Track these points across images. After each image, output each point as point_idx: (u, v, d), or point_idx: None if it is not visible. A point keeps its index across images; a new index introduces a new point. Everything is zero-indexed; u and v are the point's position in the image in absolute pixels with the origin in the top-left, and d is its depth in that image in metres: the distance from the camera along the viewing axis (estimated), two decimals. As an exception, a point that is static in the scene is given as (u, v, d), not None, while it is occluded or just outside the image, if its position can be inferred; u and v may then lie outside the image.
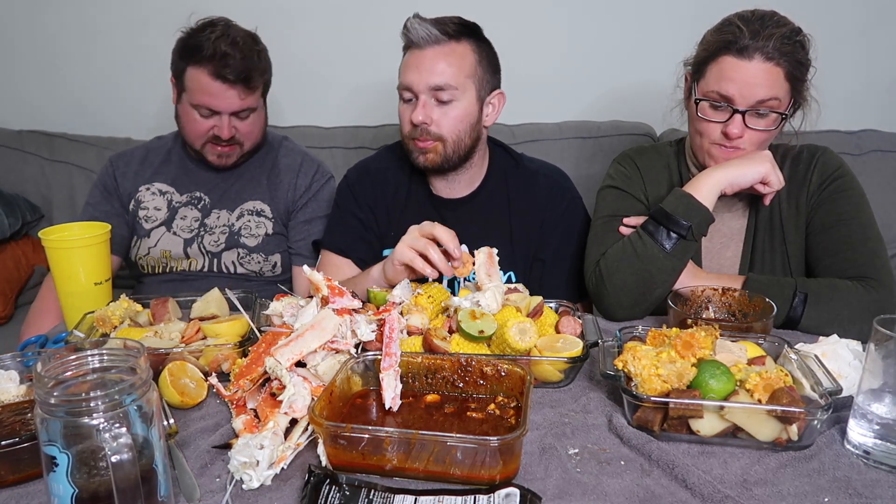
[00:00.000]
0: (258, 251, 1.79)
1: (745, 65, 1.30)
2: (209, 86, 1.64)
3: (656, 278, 1.32)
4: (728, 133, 1.34)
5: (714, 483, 0.82)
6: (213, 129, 1.69)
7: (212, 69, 1.62)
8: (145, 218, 1.80)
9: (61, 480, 0.71)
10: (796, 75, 1.32)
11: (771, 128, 1.34)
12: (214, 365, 1.09)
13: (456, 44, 1.47)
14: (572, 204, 1.61)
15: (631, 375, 0.95)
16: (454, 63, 1.47)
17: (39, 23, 2.46)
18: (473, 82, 1.50)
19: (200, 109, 1.67)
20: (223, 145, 1.72)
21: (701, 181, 1.33)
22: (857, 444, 0.90)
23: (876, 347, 0.87)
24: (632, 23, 2.22)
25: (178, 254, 1.78)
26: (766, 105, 1.31)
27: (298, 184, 1.82)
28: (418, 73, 1.46)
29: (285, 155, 1.86)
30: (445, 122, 1.49)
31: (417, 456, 0.83)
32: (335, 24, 2.32)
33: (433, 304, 1.20)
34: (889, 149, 2.04)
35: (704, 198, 1.31)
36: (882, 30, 2.15)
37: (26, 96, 2.54)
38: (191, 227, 1.79)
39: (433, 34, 1.45)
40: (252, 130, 1.75)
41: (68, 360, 0.76)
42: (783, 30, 1.30)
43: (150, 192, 1.82)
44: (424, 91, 1.46)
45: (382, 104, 2.34)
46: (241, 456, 0.83)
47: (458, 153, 1.52)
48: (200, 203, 1.81)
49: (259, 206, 1.80)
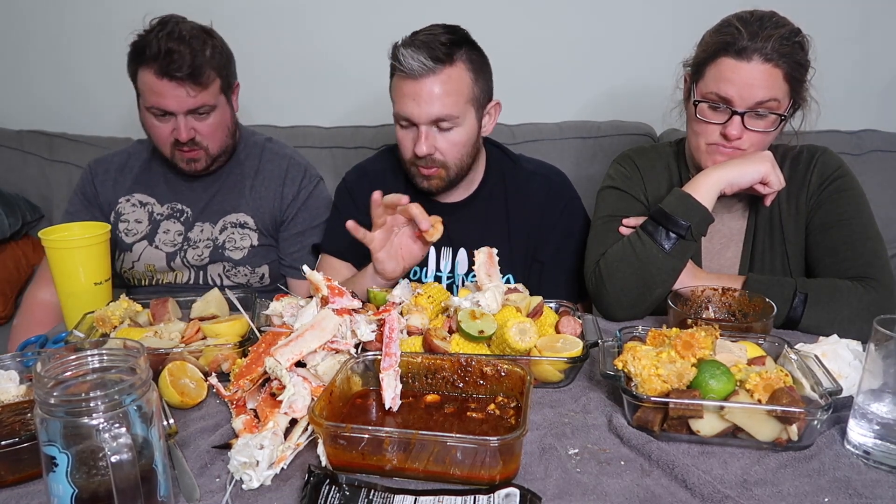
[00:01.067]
0: (244, 264, 1.73)
1: (744, 66, 1.29)
2: (156, 85, 1.55)
3: (656, 278, 1.32)
4: (727, 134, 1.34)
5: (714, 483, 0.82)
6: (173, 133, 1.61)
7: (157, 68, 1.54)
8: (126, 231, 1.74)
9: (61, 480, 0.71)
10: (795, 76, 1.31)
11: (770, 129, 1.34)
12: (214, 365, 1.09)
13: (450, 68, 1.43)
14: (570, 204, 1.61)
15: (631, 375, 0.95)
16: (452, 91, 1.43)
17: (40, 23, 2.46)
18: (472, 104, 1.48)
19: (154, 111, 1.60)
20: (186, 150, 1.63)
21: (700, 181, 1.33)
22: (857, 445, 0.90)
23: (876, 347, 0.87)
24: (632, 23, 2.22)
25: (163, 267, 1.74)
26: (765, 106, 1.31)
27: (285, 192, 1.75)
28: (417, 105, 1.42)
29: (269, 160, 1.79)
30: (449, 149, 1.48)
31: (417, 456, 0.83)
32: (335, 24, 2.32)
33: (433, 304, 1.20)
34: (889, 149, 2.04)
35: (703, 198, 1.31)
36: (882, 30, 2.15)
37: (26, 96, 2.54)
38: (174, 242, 1.73)
39: (427, 65, 1.40)
40: (214, 132, 1.65)
41: (68, 360, 0.76)
42: (782, 31, 1.29)
43: (129, 204, 1.75)
44: (424, 122, 1.44)
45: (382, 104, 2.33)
46: (240, 456, 0.83)
47: (460, 173, 1.53)
48: (183, 216, 1.74)
49: (242, 219, 1.73)
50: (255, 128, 1.98)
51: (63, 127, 2.40)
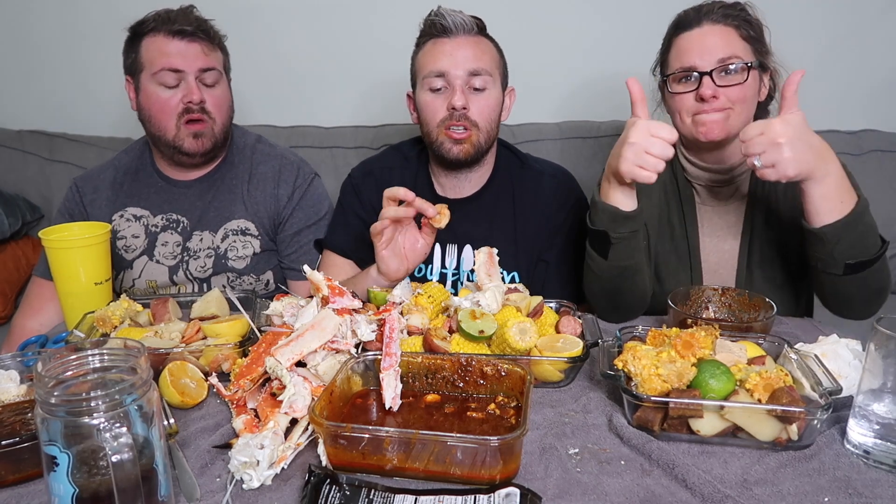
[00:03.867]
0: (248, 273, 1.69)
1: (696, 32, 1.37)
2: (168, 45, 1.56)
3: (614, 283, 1.34)
4: (702, 95, 1.35)
5: (714, 483, 0.82)
6: (183, 98, 1.57)
7: (167, 29, 1.56)
8: (125, 248, 1.68)
9: (62, 480, 0.71)
10: (751, 34, 1.36)
11: (743, 81, 1.34)
12: (215, 365, 1.09)
13: (481, 36, 1.52)
14: (577, 205, 1.61)
15: (631, 375, 0.95)
16: (486, 51, 1.50)
17: (40, 23, 2.46)
18: (499, 73, 1.54)
19: (164, 76, 1.56)
20: (196, 121, 1.59)
21: (603, 177, 1.34)
22: (857, 444, 0.90)
23: (876, 347, 0.88)
24: (632, 22, 2.22)
25: (165, 282, 1.68)
26: (728, 62, 1.33)
27: (280, 194, 1.71)
28: (453, 58, 1.47)
29: (261, 161, 1.74)
30: (481, 109, 1.49)
31: (418, 456, 0.83)
32: (336, 25, 2.32)
33: (433, 304, 1.21)
34: (889, 149, 2.04)
35: (606, 194, 1.30)
36: (881, 30, 2.15)
37: (26, 96, 2.54)
38: (173, 253, 1.67)
39: (467, 22, 1.48)
40: (220, 104, 1.64)
41: (69, 359, 0.76)
42: (726, 4, 1.38)
43: (124, 220, 1.69)
44: (461, 76, 1.47)
45: (383, 104, 2.34)
46: (241, 456, 0.84)
47: (488, 143, 1.54)
48: (179, 226, 1.69)
49: (243, 225, 1.69)
50: (255, 128, 1.97)
51: (63, 127, 2.40)
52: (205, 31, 1.60)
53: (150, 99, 1.60)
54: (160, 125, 1.61)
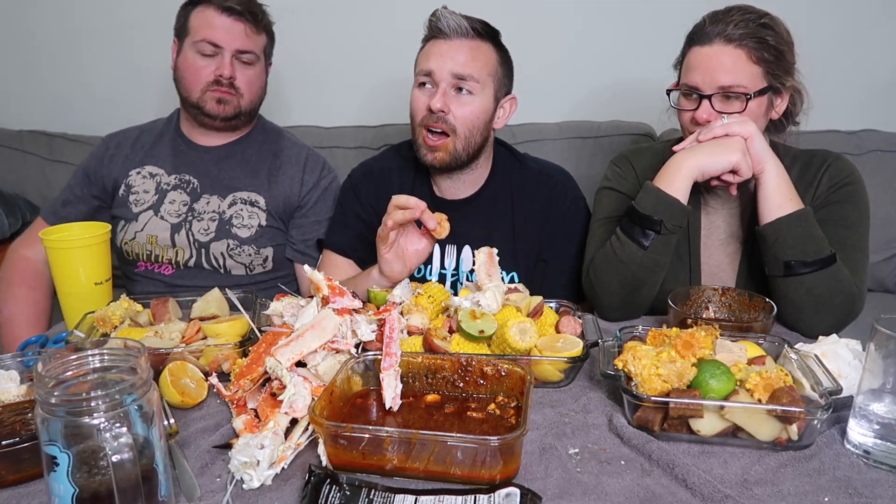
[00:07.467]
0: (250, 243, 1.72)
1: (706, 50, 1.33)
2: (214, 19, 1.64)
3: (639, 276, 1.33)
4: (697, 119, 1.35)
5: (714, 483, 0.82)
6: (215, 70, 1.66)
7: (218, 3, 1.64)
8: (134, 202, 1.74)
9: (62, 480, 0.71)
10: (765, 57, 1.31)
11: (742, 109, 1.33)
12: (215, 365, 1.09)
13: (481, 41, 1.49)
14: (575, 204, 1.61)
15: (631, 375, 0.95)
16: (479, 58, 1.48)
17: (41, 23, 2.46)
18: (493, 81, 1.51)
19: (203, 47, 1.64)
20: (223, 89, 1.67)
21: (671, 171, 1.32)
22: (857, 444, 0.90)
23: (876, 347, 0.88)
24: (633, 22, 2.22)
25: (164, 240, 1.71)
26: (731, 90, 1.32)
27: (305, 179, 1.77)
28: (442, 59, 1.46)
29: (289, 147, 1.82)
30: (462, 114, 1.48)
31: (418, 456, 0.83)
32: (336, 25, 2.32)
33: (433, 304, 1.21)
34: (889, 149, 2.04)
35: (676, 189, 1.30)
36: (882, 30, 2.15)
37: (26, 96, 2.54)
38: (178, 212, 1.72)
39: (463, 26, 1.46)
40: (251, 84, 1.72)
41: (69, 359, 0.76)
42: (747, 15, 1.32)
43: (140, 176, 1.76)
44: (446, 78, 1.46)
45: (383, 104, 2.34)
46: (241, 456, 0.84)
47: (467, 150, 1.51)
48: (189, 186, 1.74)
49: (253, 197, 1.74)
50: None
51: (63, 127, 2.40)
52: (252, 12, 1.67)
53: (186, 62, 1.68)
54: (188, 88, 1.70)
